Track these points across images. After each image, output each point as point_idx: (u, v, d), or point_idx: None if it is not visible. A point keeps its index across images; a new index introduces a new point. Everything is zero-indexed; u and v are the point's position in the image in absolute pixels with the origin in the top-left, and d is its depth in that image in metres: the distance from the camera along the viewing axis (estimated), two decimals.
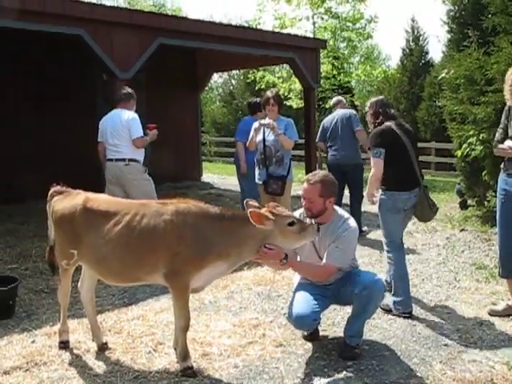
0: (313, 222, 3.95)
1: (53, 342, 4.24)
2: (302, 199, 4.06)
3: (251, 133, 6.59)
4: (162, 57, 9.14)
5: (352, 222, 4.03)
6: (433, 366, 3.81)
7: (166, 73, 11.95)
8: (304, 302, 3.98)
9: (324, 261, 3.93)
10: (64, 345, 4.14)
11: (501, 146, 4.44)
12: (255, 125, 6.55)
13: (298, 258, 4.20)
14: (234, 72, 28.95)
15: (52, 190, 4.14)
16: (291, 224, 3.66)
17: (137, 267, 3.73)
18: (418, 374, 3.70)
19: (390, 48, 53.23)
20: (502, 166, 4.60)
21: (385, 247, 4.95)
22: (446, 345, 4.16)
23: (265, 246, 3.66)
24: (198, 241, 3.60)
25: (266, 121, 6.41)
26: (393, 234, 4.86)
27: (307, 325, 4.07)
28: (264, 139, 6.45)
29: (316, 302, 3.99)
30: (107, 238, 3.70)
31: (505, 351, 4.02)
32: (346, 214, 4.11)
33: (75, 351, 4.11)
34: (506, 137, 4.45)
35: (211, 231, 3.63)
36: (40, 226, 6.90)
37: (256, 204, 3.85)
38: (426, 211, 4.87)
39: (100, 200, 3.95)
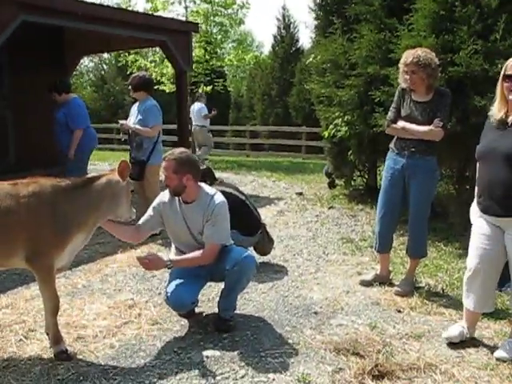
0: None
1: None
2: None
3: None
4: (28, 37, 8.66)
5: (220, 197, 4.03)
6: (304, 332, 4.02)
7: (32, 55, 11.33)
8: (181, 285, 3.99)
9: (205, 241, 3.95)
10: None
11: (394, 125, 4.68)
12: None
13: (173, 247, 4.24)
14: (105, 56, 28.13)
15: None
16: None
17: None
18: (290, 340, 3.89)
19: (264, 35, 54.23)
20: (391, 145, 4.81)
21: None
22: (315, 312, 4.39)
23: (146, 258, 3.83)
24: (57, 218, 3.49)
25: (121, 121, 6.71)
26: None
27: (185, 308, 4.12)
28: None
29: (192, 284, 4.03)
30: None
31: (368, 314, 4.34)
32: (213, 190, 4.10)
33: None
34: (398, 116, 4.68)
35: (67, 204, 3.53)
36: None
37: None
38: (266, 245, 5.70)
39: None
